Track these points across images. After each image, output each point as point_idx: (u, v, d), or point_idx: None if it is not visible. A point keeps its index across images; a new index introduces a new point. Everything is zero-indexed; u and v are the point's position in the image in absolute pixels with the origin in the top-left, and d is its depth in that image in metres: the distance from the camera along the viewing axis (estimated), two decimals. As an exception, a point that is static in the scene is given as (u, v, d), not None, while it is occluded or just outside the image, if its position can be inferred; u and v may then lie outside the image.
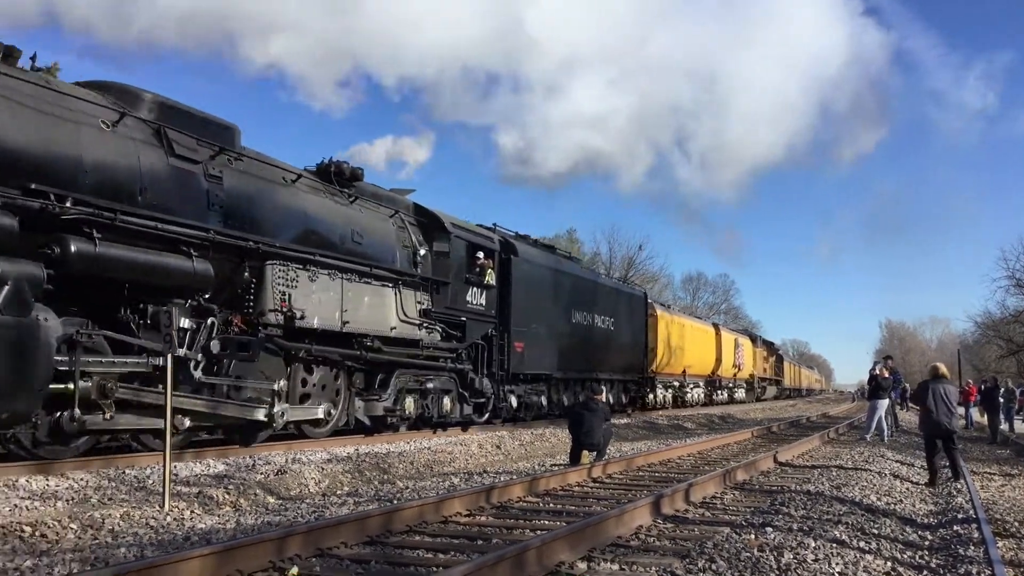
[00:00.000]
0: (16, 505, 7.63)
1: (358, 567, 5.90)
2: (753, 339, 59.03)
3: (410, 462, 12.26)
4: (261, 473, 10.17)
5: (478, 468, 12.82)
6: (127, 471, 9.58)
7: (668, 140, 73.62)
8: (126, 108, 11.04)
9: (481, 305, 18.52)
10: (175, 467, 9.43)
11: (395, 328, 15.73)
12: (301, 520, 7.59)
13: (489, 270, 18.89)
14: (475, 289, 18.28)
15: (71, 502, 7.99)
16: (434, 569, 5.81)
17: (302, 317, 13.19)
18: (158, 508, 7.92)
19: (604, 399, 17.24)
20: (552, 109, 52.16)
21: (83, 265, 9.65)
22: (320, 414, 13.77)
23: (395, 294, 15.80)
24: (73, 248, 9.52)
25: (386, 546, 6.57)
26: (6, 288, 8.02)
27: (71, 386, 9.44)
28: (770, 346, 68.79)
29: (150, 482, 9.09)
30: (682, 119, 64.41)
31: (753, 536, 6.88)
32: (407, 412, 16.10)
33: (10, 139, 9.31)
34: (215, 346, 11.51)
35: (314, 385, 13.94)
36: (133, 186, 10.64)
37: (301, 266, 13.37)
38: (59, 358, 9.18)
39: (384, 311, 15.49)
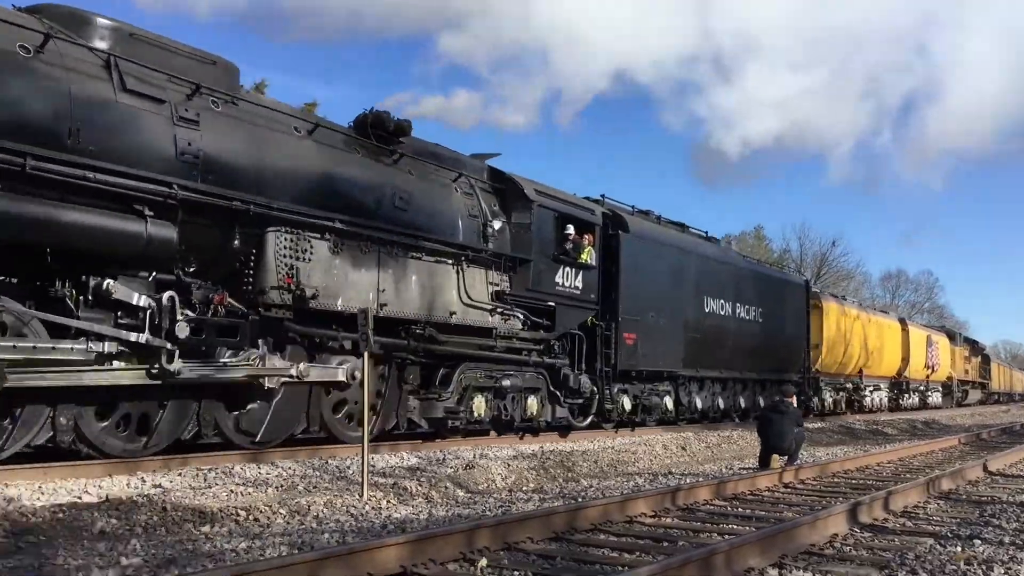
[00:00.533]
0: (232, 490, 8.16)
1: (544, 562, 6.01)
2: (951, 336, 52.52)
3: (594, 461, 12.23)
4: (451, 467, 10.49)
5: (663, 469, 12.65)
6: (329, 461, 10.36)
7: (867, 123, 67.72)
8: (64, 32, 8.94)
9: (576, 288, 15.57)
10: (372, 459, 10.03)
11: (456, 313, 13.11)
12: (489, 514, 7.81)
13: (588, 247, 15.94)
14: (568, 269, 15.35)
15: (280, 489, 8.53)
16: (619, 568, 5.79)
17: (315, 296, 10.79)
18: (357, 497, 8.29)
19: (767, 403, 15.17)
20: (733, 94, 48.26)
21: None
22: (342, 376, 11.43)
23: (457, 272, 13.19)
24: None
25: (571, 543, 6.61)
26: None
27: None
28: (973, 345, 61.55)
29: (350, 472, 9.69)
30: (882, 97, 58.63)
31: (960, 549, 6.47)
32: (477, 414, 13.45)
33: None
34: (182, 330, 9.25)
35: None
36: (60, 126, 8.49)
37: (318, 235, 10.99)
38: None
39: (441, 292, 12.91)
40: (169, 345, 9.22)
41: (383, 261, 11.88)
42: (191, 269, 9.96)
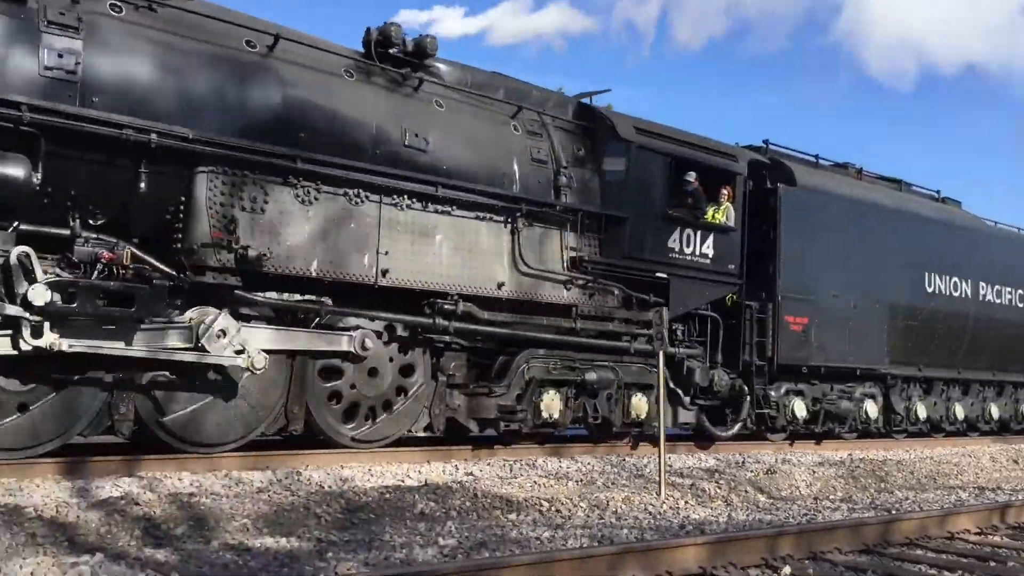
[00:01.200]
0: (535, 482, 8.53)
1: (853, 575, 5.70)
2: None
3: (910, 472, 11.41)
4: (750, 471, 10.34)
5: (990, 483, 11.58)
6: (627, 459, 10.71)
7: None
8: None
9: (703, 256, 11.94)
10: (669, 459, 10.06)
11: (505, 284, 10.18)
12: (792, 521, 7.58)
13: (725, 204, 12.35)
14: (690, 231, 11.78)
15: (580, 483, 8.84)
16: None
17: (265, 257, 8.36)
18: (654, 496, 8.29)
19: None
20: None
21: None
22: (345, 345, 9.01)
23: (511, 233, 10.24)
24: None
25: (883, 556, 6.21)
26: None
27: None
28: None
29: (647, 471, 9.92)
30: None
31: None
32: (547, 414, 10.44)
33: None
34: (38, 295, 7.16)
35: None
36: None
37: (278, 179, 8.56)
38: None
39: (482, 258, 10.03)
40: (27, 314, 7.18)
41: (387, 216, 9.23)
42: (98, 221, 7.90)
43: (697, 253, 11.84)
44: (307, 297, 8.89)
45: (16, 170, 7.18)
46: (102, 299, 7.52)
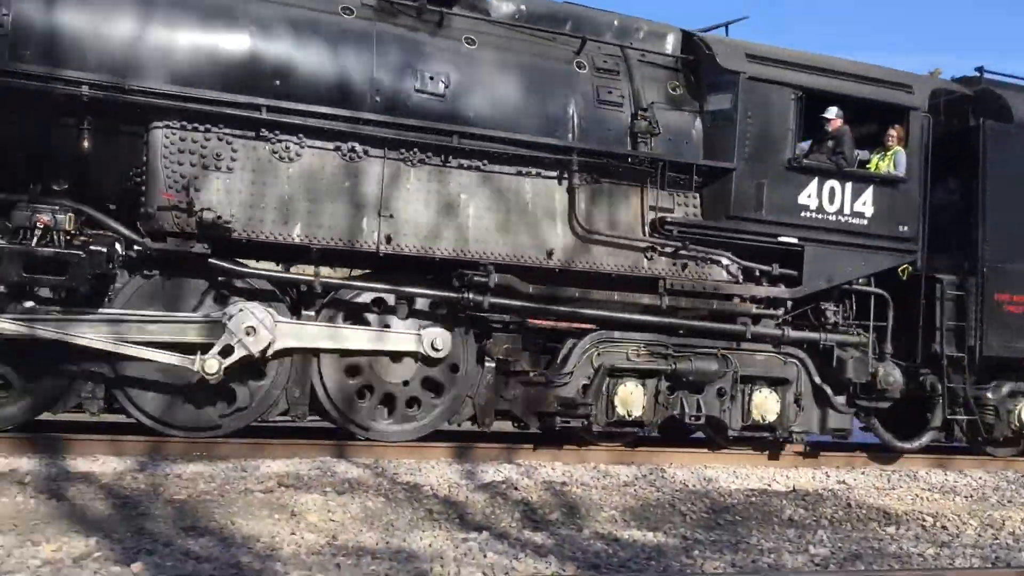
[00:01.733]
0: (916, 495, 8.13)
1: None
2: None
3: None
4: None
5: None
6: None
7: None
8: None
9: (859, 215, 9.25)
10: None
11: (555, 252, 8.44)
12: None
13: (894, 148, 9.53)
14: (835, 184, 9.15)
15: (969, 498, 8.31)
16: None
17: (228, 221, 7.45)
18: None
19: None
20: None
21: None
22: (413, 346, 8.15)
23: (565, 190, 8.50)
24: None
25: None
26: None
27: None
28: None
29: None
30: None
31: None
32: (623, 411, 8.55)
33: None
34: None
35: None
36: None
37: (249, 133, 7.62)
38: None
39: (526, 220, 8.39)
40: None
41: (391, 172, 7.94)
42: (62, 187, 7.44)
43: (847, 211, 9.19)
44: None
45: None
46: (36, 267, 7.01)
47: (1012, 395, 10.08)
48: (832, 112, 9.18)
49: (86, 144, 7.22)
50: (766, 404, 9.04)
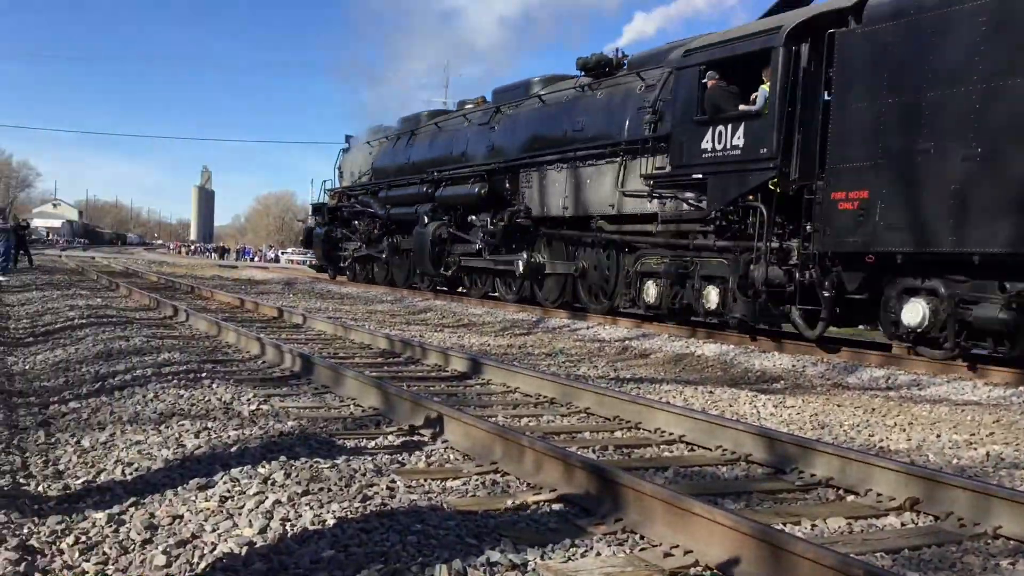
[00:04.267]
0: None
1: None
2: None
3: None
4: None
5: None
6: None
7: None
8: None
9: (735, 148, 11.66)
10: None
11: (613, 205, 14.64)
12: None
13: (760, 90, 11.53)
14: (720, 128, 11.92)
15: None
16: None
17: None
18: None
19: None
20: None
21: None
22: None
23: (617, 167, 14.53)
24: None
25: None
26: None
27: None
28: None
29: None
30: None
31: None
32: (646, 299, 13.91)
33: None
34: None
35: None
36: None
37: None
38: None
39: (603, 189, 14.91)
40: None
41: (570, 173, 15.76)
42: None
43: (728, 146, 11.82)
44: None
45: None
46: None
47: (905, 293, 10.03)
48: (707, 76, 12.11)
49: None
50: (709, 295, 12.58)
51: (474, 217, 18.90)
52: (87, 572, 2.85)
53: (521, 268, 16.80)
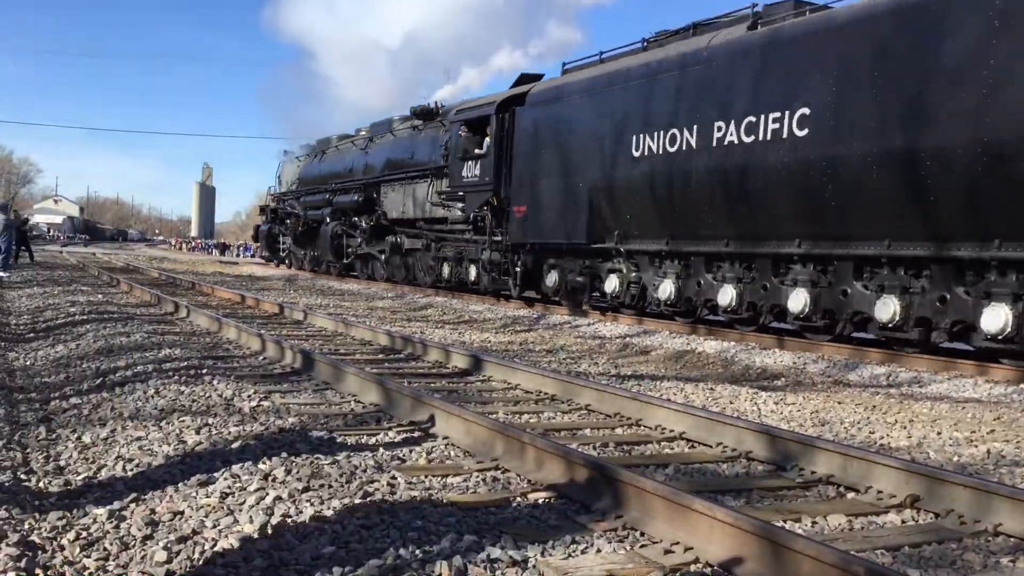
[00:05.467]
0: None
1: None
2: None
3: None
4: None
5: None
6: None
7: None
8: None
9: (475, 176, 17.71)
10: None
11: (427, 211, 20.75)
12: None
13: (487, 139, 17.47)
14: (469, 163, 17.88)
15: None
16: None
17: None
18: None
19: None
20: None
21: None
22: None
23: (428, 184, 20.69)
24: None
25: None
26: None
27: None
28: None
29: None
30: None
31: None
32: (444, 275, 19.89)
33: None
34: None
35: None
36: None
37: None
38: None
39: (422, 199, 21.03)
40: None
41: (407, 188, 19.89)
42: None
43: (472, 175, 17.75)
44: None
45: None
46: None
47: (549, 268, 16.17)
48: (461, 129, 18.36)
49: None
50: (471, 272, 18.74)
51: (356, 218, 24.72)
52: (88, 568, 2.85)
53: (388, 251, 23.01)
